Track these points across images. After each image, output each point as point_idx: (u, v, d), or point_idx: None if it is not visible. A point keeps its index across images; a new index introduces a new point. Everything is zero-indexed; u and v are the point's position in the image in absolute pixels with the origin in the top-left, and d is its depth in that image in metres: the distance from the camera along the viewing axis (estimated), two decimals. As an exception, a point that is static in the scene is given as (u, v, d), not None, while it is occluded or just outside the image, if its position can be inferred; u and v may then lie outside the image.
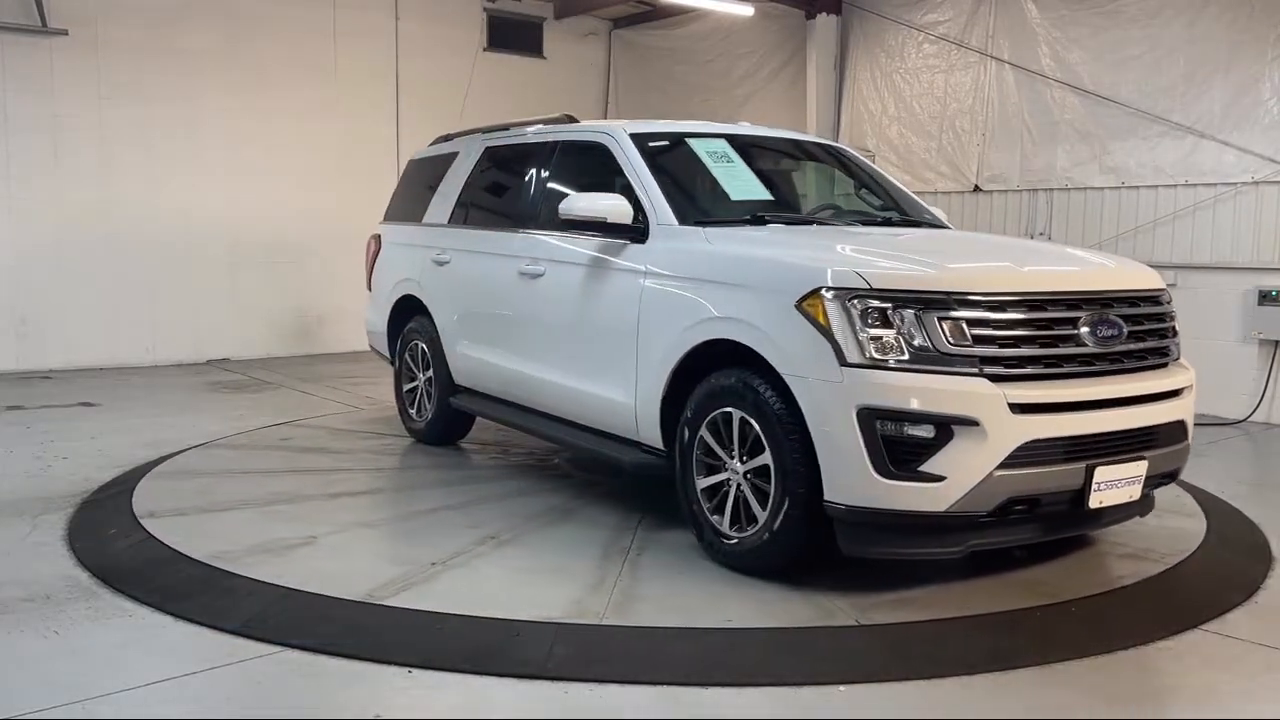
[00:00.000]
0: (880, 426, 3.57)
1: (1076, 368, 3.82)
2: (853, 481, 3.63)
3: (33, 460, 6.00)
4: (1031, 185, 8.97)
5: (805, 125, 10.31)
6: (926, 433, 3.55)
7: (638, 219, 4.65)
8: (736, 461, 4.06)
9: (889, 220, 5.26)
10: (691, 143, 5.18)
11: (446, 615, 3.64)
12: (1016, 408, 3.58)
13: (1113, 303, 3.99)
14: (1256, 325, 7.63)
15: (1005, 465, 3.56)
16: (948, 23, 9.54)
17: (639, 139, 5.02)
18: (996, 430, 3.54)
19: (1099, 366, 3.88)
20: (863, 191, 5.63)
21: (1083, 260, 4.58)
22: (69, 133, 9.41)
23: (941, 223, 5.41)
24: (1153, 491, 4.19)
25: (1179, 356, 4.27)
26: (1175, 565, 4.34)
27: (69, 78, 9.37)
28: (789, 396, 3.79)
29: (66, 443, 6.44)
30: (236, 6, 10.19)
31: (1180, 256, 8.06)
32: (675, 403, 4.36)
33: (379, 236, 7.10)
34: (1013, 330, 3.72)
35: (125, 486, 5.34)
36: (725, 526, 4.11)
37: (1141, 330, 4.05)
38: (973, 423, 3.53)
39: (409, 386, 6.65)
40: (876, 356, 3.59)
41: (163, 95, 9.81)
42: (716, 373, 4.15)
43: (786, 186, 5.67)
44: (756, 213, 4.77)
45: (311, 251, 10.69)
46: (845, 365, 3.61)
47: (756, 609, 3.74)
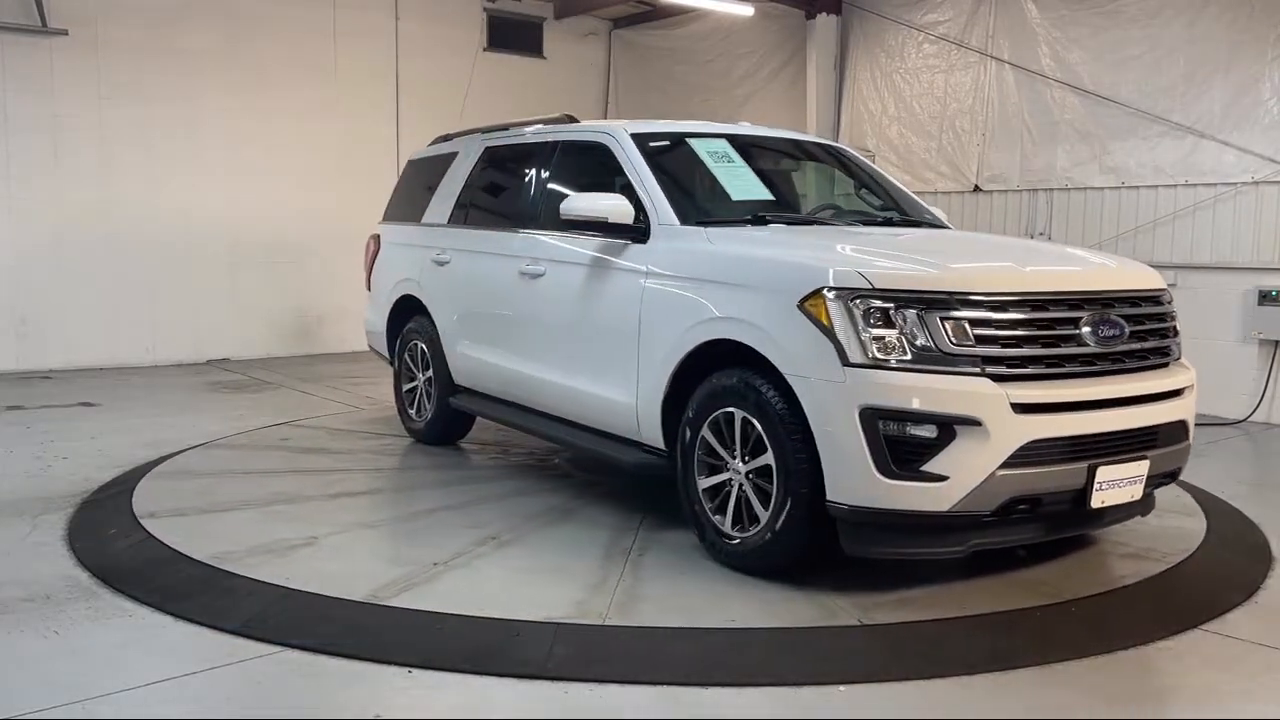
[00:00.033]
0: (883, 426, 3.57)
1: (1078, 368, 3.82)
2: (855, 481, 3.63)
3: (33, 460, 6.00)
4: (1031, 185, 8.97)
5: (805, 125, 10.30)
6: (929, 433, 3.55)
7: (639, 219, 4.65)
8: (738, 461, 4.06)
9: (889, 220, 5.26)
10: (692, 143, 5.18)
11: (446, 615, 3.64)
12: (1019, 407, 3.58)
13: (1114, 303, 3.99)
14: (1256, 325, 7.64)
15: (1008, 465, 3.57)
16: (948, 23, 9.54)
17: (640, 139, 5.02)
18: (999, 430, 3.55)
19: (1100, 366, 3.88)
20: (863, 191, 5.63)
21: (1084, 260, 4.58)
22: (69, 133, 9.41)
23: (941, 223, 5.41)
24: (1153, 491, 4.19)
25: (1180, 356, 4.28)
26: (1175, 565, 4.34)
27: (69, 78, 9.36)
28: (791, 396, 3.79)
29: (66, 443, 6.44)
30: (236, 6, 10.19)
31: (1180, 256, 8.06)
32: (677, 403, 4.36)
33: (378, 236, 7.10)
34: (1015, 330, 3.72)
35: (125, 486, 5.33)
36: (727, 526, 4.11)
37: (1143, 330, 4.06)
38: (975, 423, 3.53)
39: (408, 386, 6.64)
40: (879, 356, 3.59)
41: (163, 95, 9.81)
42: (718, 373, 4.15)
43: (787, 187, 5.66)
44: (758, 213, 4.77)
45: (311, 251, 10.69)
46: (848, 365, 3.61)
47: (760, 609, 3.74)
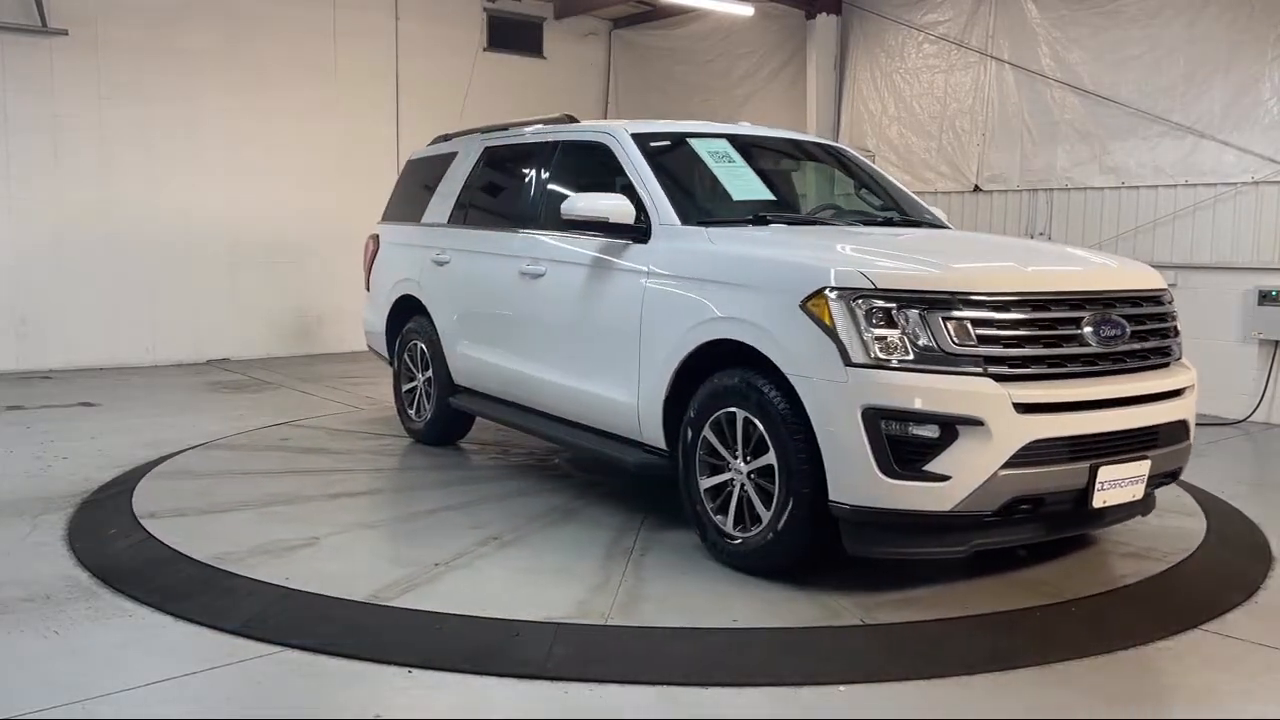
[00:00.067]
0: (885, 426, 3.56)
1: (1080, 367, 3.82)
2: (858, 481, 3.62)
3: (33, 460, 5.99)
4: (1031, 185, 8.97)
5: (805, 125, 10.30)
6: (931, 432, 3.55)
7: (640, 219, 4.64)
8: (740, 461, 4.05)
9: (890, 220, 5.25)
10: (693, 143, 5.18)
11: (446, 615, 3.64)
12: (1021, 407, 3.58)
13: (1115, 303, 3.99)
14: (1256, 325, 7.63)
15: (1010, 465, 3.56)
16: (948, 23, 9.54)
17: (641, 139, 5.01)
18: (1001, 430, 3.54)
19: (1102, 366, 3.88)
20: (863, 191, 5.62)
21: (1085, 260, 4.58)
22: (69, 133, 9.40)
23: (942, 223, 5.41)
24: (1154, 491, 4.19)
25: (1181, 356, 4.27)
26: (1175, 565, 4.34)
27: (69, 78, 9.36)
28: (793, 396, 3.79)
29: (66, 443, 6.43)
30: (236, 6, 10.18)
31: (1180, 256, 8.05)
32: (678, 403, 4.35)
33: (377, 236, 7.10)
34: (1017, 330, 3.72)
35: (125, 486, 5.33)
36: (729, 526, 4.11)
37: (1144, 330, 4.06)
38: (978, 422, 3.53)
39: (408, 387, 6.64)
40: (881, 356, 3.59)
41: (163, 95, 9.80)
42: (720, 373, 4.15)
43: (787, 187, 5.66)
44: (759, 213, 4.76)
45: (311, 251, 10.68)
46: (850, 365, 3.61)
47: (762, 609, 3.74)
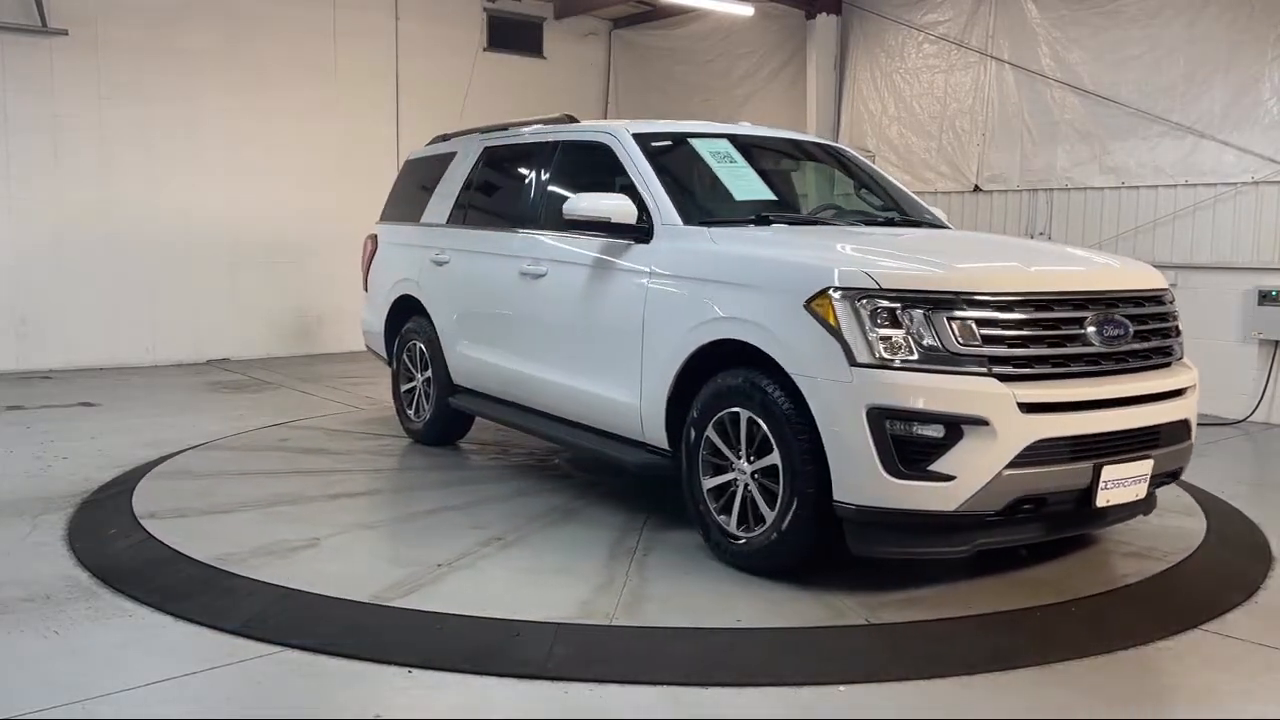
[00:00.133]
0: (890, 426, 3.56)
1: (1083, 367, 3.82)
2: (862, 481, 3.62)
3: (33, 460, 5.98)
4: (1031, 185, 8.97)
5: (805, 125, 10.30)
6: (936, 432, 3.54)
7: (642, 219, 4.63)
8: (744, 461, 4.05)
9: (890, 220, 5.25)
10: (694, 143, 5.17)
11: (446, 615, 3.63)
12: (1025, 407, 3.57)
13: (1118, 302, 3.99)
14: (1256, 325, 7.63)
15: (1014, 464, 3.56)
16: (948, 23, 9.53)
17: (642, 139, 5.01)
18: (1006, 430, 3.54)
19: (1105, 366, 3.88)
20: (863, 191, 5.62)
21: (1087, 260, 4.58)
22: (69, 133, 9.39)
23: (942, 223, 5.41)
24: (1155, 490, 4.18)
25: (1182, 356, 4.27)
26: (1176, 565, 4.34)
27: (69, 78, 9.34)
28: (797, 396, 3.78)
29: (66, 443, 6.42)
30: (236, 6, 10.17)
31: (1180, 256, 8.05)
32: (680, 403, 4.34)
33: (375, 237, 7.08)
34: (1021, 330, 3.71)
35: (125, 486, 5.31)
36: (732, 526, 4.10)
37: (1146, 330, 4.05)
38: (982, 422, 3.53)
39: (407, 387, 6.63)
40: (885, 356, 3.59)
41: (163, 95, 9.79)
42: (723, 373, 4.14)
43: (788, 187, 5.66)
44: (760, 213, 4.76)
45: (311, 251, 10.67)
46: (854, 365, 3.61)
47: (766, 608, 3.73)
